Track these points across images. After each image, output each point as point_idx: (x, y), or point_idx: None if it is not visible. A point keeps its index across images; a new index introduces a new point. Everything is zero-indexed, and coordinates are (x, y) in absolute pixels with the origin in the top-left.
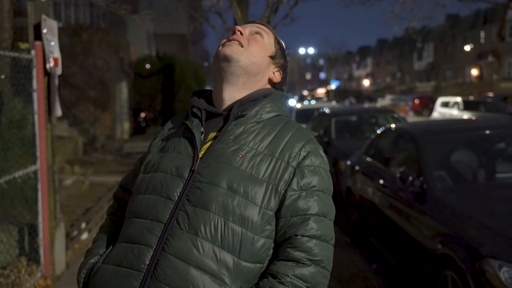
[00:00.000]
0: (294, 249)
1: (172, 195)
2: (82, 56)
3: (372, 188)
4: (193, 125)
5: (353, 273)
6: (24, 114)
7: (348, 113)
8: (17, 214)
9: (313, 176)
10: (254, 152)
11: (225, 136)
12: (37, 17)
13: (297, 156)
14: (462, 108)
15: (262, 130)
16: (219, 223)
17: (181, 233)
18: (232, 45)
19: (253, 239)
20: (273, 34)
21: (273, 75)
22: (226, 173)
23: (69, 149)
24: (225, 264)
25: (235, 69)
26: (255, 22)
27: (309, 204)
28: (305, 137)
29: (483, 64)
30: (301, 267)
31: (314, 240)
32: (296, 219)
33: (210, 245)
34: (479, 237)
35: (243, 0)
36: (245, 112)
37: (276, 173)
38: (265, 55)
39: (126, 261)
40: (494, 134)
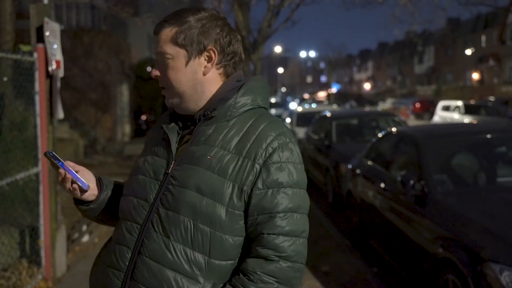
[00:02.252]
0: (262, 247)
1: (148, 198)
2: (83, 58)
3: (373, 191)
4: (169, 128)
5: (353, 276)
6: (26, 116)
7: (349, 116)
8: (18, 216)
9: (280, 173)
10: (222, 152)
11: (196, 138)
12: (40, 20)
13: (263, 154)
14: (463, 112)
15: (232, 129)
16: (189, 225)
17: (155, 235)
18: (164, 94)
19: (223, 238)
20: (169, 33)
21: (206, 66)
22: (195, 176)
23: (70, 151)
24: (197, 264)
25: (182, 105)
26: (154, 34)
27: (275, 201)
28: (275, 132)
29: (484, 68)
30: (269, 263)
31: (281, 237)
32: (263, 217)
33: (182, 246)
34: (480, 241)
35: (244, 4)
36: (214, 113)
37: (242, 173)
38: (182, 71)
39: (110, 261)
40: (495, 138)
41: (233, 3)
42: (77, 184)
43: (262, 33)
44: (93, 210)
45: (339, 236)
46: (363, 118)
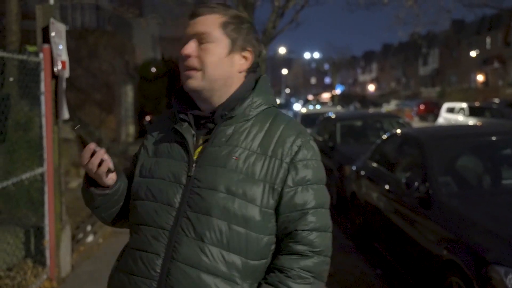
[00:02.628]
0: (296, 243)
1: (172, 202)
2: (88, 59)
3: (377, 193)
4: (183, 129)
5: (357, 278)
6: (31, 116)
7: (353, 118)
8: (23, 216)
9: (306, 170)
10: (248, 152)
11: (216, 139)
12: (45, 20)
13: (289, 152)
14: (467, 114)
15: (253, 129)
16: (223, 227)
17: (187, 240)
18: (190, 75)
19: (257, 238)
20: (218, 19)
21: (241, 63)
22: (223, 177)
23: (75, 152)
24: (234, 265)
25: (205, 93)
26: (193, 16)
27: (306, 198)
28: (295, 131)
29: (488, 70)
30: (305, 259)
31: (314, 232)
32: (295, 214)
33: (218, 249)
34: (485, 243)
35: (249, 5)
36: (233, 113)
37: (271, 172)
38: (222, 59)
39: (137, 269)
40: (500, 140)
41: (237, 4)
42: (106, 163)
43: (267, 34)
44: (107, 198)
45: (343, 238)
46: (367, 120)
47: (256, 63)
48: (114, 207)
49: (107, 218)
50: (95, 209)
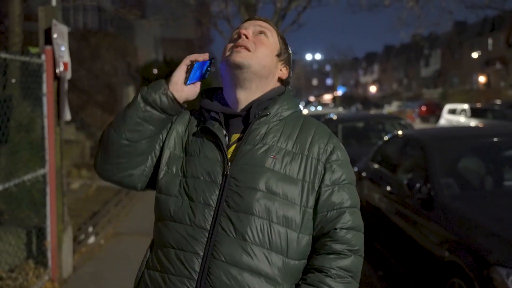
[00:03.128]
0: (335, 242)
1: (209, 201)
2: (90, 60)
3: (379, 194)
4: (215, 128)
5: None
6: (33, 117)
7: (355, 119)
8: (25, 217)
9: (342, 170)
10: (284, 151)
11: (250, 137)
12: (48, 22)
13: (325, 152)
14: (469, 115)
15: (286, 129)
16: (265, 226)
17: (228, 239)
18: (240, 51)
19: (298, 237)
20: (275, 30)
21: (281, 72)
22: (262, 176)
23: (76, 153)
24: (276, 265)
25: (247, 75)
26: (255, 19)
27: (343, 197)
28: (327, 133)
29: (490, 71)
30: (343, 258)
31: (351, 231)
32: (333, 213)
33: (260, 248)
34: (487, 245)
35: (251, 6)
36: (268, 111)
37: (309, 171)
38: (272, 55)
39: (174, 269)
40: (502, 141)
41: (240, 6)
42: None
43: None
44: (156, 118)
45: None
46: (369, 121)
47: (288, 82)
48: (142, 140)
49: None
50: (131, 124)
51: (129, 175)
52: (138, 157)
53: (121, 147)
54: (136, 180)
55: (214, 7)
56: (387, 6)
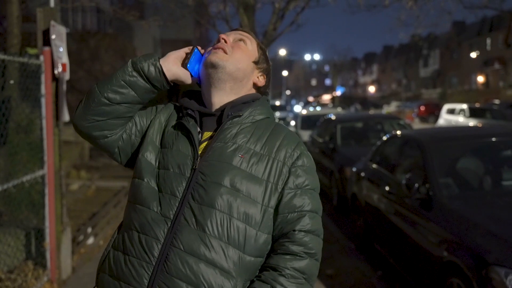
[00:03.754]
0: (292, 244)
1: (176, 192)
2: (89, 61)
3: (378, 194)
4: (190, 125)
5: (358, 280)
6: (32, 119)
7: (354, 119)
8: (24, 218)
9: (306, 176)
10: (252, 152)
11: (222, 135)
12: (46, 23)
13: (291, 157)
14: (468, 115)
15: (257, 131)
16: (225, 220)
17: (189, 229)
18: (217, 52)
19: (256, 235)
20: (256, 40)
21: (258, 79)
22: (228, 172)
23: (75, 154)
24: (232, 259)
25: (221, 75)
26: (238, 29)
27: (304, 201)
28: (296, 140)
29: (489, 71)
30: (299, 260)
31: (309, 234)
32: (293, 215)
33: (218, 241)
34: (486, 245)
35: (250, 7)
36: (240, 112)
37: (274, 173)
38: (249, 61)
39: (135, 251)
40: (500, 141)
41: (238, 7)
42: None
43: (268, 36)
44: (141, 86)
45: (343, 239)
46: (368, 121)
47: (266, 91)
48: (122, 104)
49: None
50: (114, 85)
51: (103, 136)
52: (115, 119)
53: (101, 105)
54: (110, 144)
55: (212, 7)
56: (387, 6)
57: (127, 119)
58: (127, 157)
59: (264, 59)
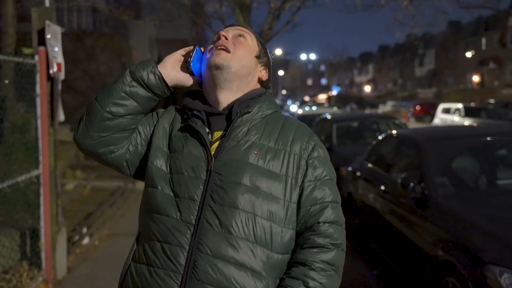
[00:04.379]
0: (318, 236)
1: (194, 196)
2: (85, 61)
3: (374, 194)
4: (198, 126)
5: (354, 279)
6: (27, 118)
7: (350, 119)
8: (20, 218)
9: (323, 166)
10: (267, 148)
11: (233, 134)
12: (41, 23)
13: (306, 149)
14: (463, 115)
15: (268, 126)
16: (250, 220)
17: (213, 233)
18: (220, 53)
19: (282, 231)
20: (254, 35)
21: (261, 73)
22: (245, 170)
23: (71, 154)
24: (260, 258)
25: (227, 76)
26: (234, 25)
27: (325, 192)
28: (308, 132)
29: (484, 71)
30: (326, 252)
31: (333, 225)
32: (315, 207)
33: (245, 241)
34: (481, 244)
35: (245, 7)
36: (249, 109)
37: (292, 166)
38: (251, 56)
39: (159, 262)
40: (496, 140)
41: (234, 6)
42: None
43: (263, 36)
44: (141, 96)
45: None
46: (363, 121)
47: (269, 85)
48: (125, 116)
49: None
50: (115, 97)
51: (110, 151)
52: (119, 133)
53: (103, 120)
54: (117, 159)
55: (208, 7)
56: (383, 6)
57: (132, 131)
58: (135, 168)
59: (265, 53)
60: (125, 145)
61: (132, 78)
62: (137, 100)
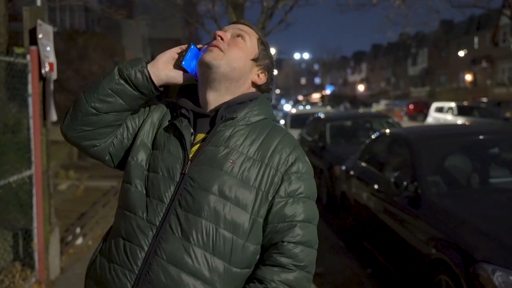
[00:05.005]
0: (280, 255)
1: (163, 198)
2: (77, 60)
3: (367, 193)
4: (182, 126)
5: (348, 278)
6: (19, 118)
7: (343, 118)
8: (12, 219)
9: (300, 183)
10: (244, 157)
11: (214, 138)
12: (33, 22)
13: (285, 163)
14: (456, 113)
15: (251, 134)
16: (211, 230)
17: (173, 238)
18: (212, 51)
19: (244, 245)
20: (257, 34)
21: (257, 77)
22: (217, 179)
23: (64, 154)
24: (216, 270)
25: (216, 76)
26: (238, 23)
27: (296, 210)
28: (292, 144)
29: (477, 70)
30: (287, 272)
31: (300, 246)
32: (283, 225)
33: (202, 251)
34: (473, 242)
35: (238, 6)
36: (235, 114)
37: (266, 180)
38: (247, 59)
39: (119, 259)
40: (488, 139)
41: (227, 6)
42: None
43: None
44: (128, 94)
45: (333, 238)
46: (357, 120)
47: (268, 88)
48: (111, 113)
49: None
50: (101, 94)
51: (92, 145)
52: (103, 128)
53: (88, 115)
54: (100, 152)
55: (201, 6)
56: (375, 5)
57: (116, 127)
58: (119, 160)
59: (266, 54)
60: (108, 139)
61: (119, 76)
62: (123, 98)
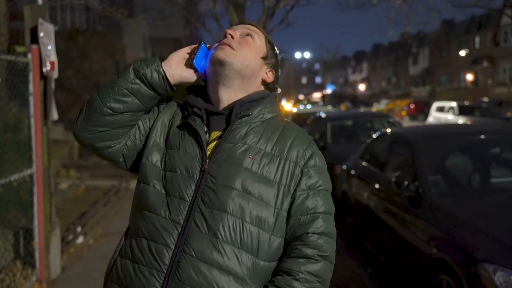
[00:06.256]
0: (306, 247)
1: (185, 196)
2: (78, 59)
3: (368, 192)
4: (196, 124)
5: (348, 277)
6: (20, 117)
7: (344, 117)
8: (13, 218)
9: (318, 176)
10: (263, 153)
11: (231, 135)
12: (34, 21)
13: (303, 157)
14: (457, 113)
15: (267, 131)
16: (237, 225)
17: (200, 235)
18: (224, 48)
19: (270, 239)
20: (264, 35)
21: (266, 75)
22: (238, 175)
23: (65, 153)
24: (245, 264)
25: (229, 73)
26: (245, 23)
27: (317, 203)
28: (307, 139)
29: (478, 69)
30: (313, 263)
31: (323, 237)
32: (306, 217)
33: (231, 246)
34: (474, 242)
35: (239, 5)
36: (250, 111)
37: (286, 174)
38: (257, 57)
39: (144, 259)
40: (489, 139)
41: (228, 5)
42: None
43: None
44: (142, 93)
45: None
46: (357, 120)
47: (274, 87)
48: (126, 113)
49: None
50: (117, 94)
51: (107, 146)
52: (118, 129)
53: (103, 115)
54: (115, 154)
55: (202, 6)
56: (376, 4)
57: (130, 128)
58: (132, 162)
59: (273, 54)
60: (122, 140)
61: (135, 75)
62: (139, 97)
